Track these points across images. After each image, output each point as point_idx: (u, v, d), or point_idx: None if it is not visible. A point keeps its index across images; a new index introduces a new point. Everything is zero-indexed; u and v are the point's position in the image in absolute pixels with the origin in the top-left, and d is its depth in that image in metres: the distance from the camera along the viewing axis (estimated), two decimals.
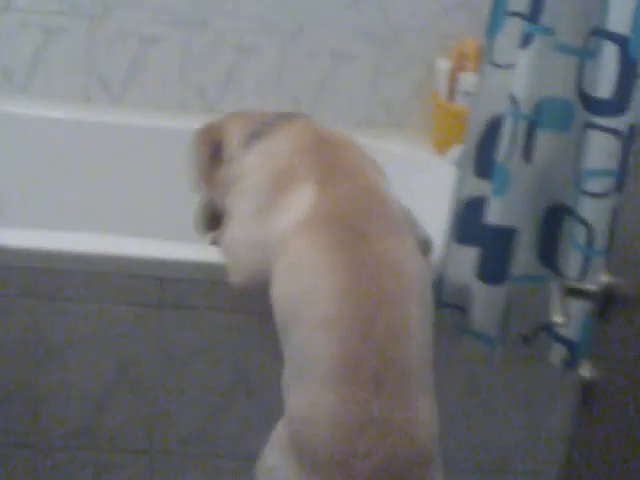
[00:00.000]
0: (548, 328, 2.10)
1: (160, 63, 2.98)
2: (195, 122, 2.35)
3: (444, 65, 2.88)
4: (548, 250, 2.11)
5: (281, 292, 1.82)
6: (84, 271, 2.14)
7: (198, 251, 2.17)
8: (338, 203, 1.85)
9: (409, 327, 1.71)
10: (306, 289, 1.77)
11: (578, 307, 1.99)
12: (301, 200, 1.86)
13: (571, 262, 2.04)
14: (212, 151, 2.21)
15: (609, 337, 1.24)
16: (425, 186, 2.73)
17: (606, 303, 1.22)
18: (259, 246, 1.94)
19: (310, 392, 1.67)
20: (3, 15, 2.89)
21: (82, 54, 2.95)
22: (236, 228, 2.03)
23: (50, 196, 2.88)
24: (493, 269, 2.05)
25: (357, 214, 1.84)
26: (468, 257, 2.09)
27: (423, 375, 1.70)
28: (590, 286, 1.26)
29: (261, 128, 2.10)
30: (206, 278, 2.15)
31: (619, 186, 1.95)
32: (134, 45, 2.95)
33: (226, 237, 2.07)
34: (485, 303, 2.06)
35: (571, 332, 2.03)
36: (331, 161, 1.95)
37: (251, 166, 2.04)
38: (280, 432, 1.74)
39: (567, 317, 1.65)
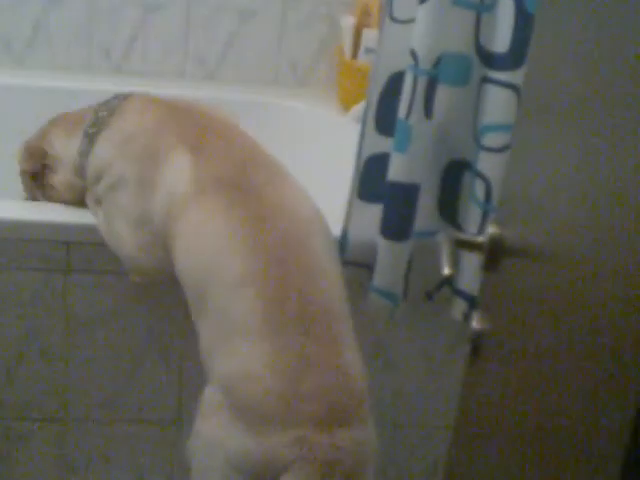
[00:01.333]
0: (449, 283, 2.13)
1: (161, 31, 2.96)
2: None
3: (348, 21, 2.88)
4: (449, 205, 2.13)
5: (187, 265, 1.82)
6: None
7: None
8: (216, 164, 1.85)
9: (321, 266, 1.75)
10: (212, 255, 1.77)
11: (476, 261, 2.01)
12: (178, 171, 1.86)
13: (471, 217, 2.07)
14: (34, 169, 2.19)
15: (497, 288, 1.26)
16: (330, 144, 2.73)
17: (494, 254, 1.24)
18: (148, 234, 1.94)
19: (241, 350, 1.67)
20: None
21: (83, 22, 2.91)
22: (121, 225, 2.00)
23: None
24: (396, 226, 2.06)
25: (238, 170, 1.84)
26: (372, 214, 2.10)
27: (343, 312, 1.73)
28: (478, 238, 1.29)
29: (96, 118, 2.07)
30: None
31: None
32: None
33: (112, 236, 2.04)
34: (389, 260, 2.07)
35: (471, 286, 2.06)
36: (191, 125, 1.94)
37: (109, 158, 2.02)
38: (211, 400, 1.72)
39: (457, 269, 1.67)
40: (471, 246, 1.29)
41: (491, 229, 1.25)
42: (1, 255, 2.12)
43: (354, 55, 2.89)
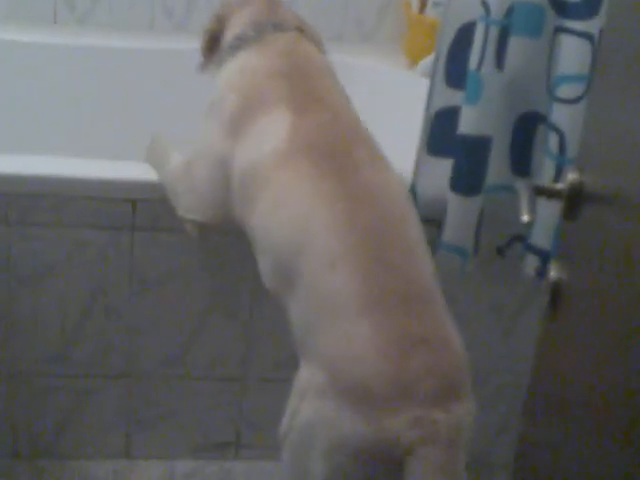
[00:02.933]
0: (521, 239, 2.09)
1: None
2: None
3: None
4: (521, 159, 2.09)
5: (270, 231, 1.76)
6: (55, 195, 2.10)
7: None
8: (316, 132, 1.79)
9: (416, 246, 1.69)
10: (301, 226, 1.70)
11: (550, 215, 1.97)
12: (276, 128, 1.80)
13: (544, 170, 2.03)
14: (214, 33, 2.12)
15: (577, 237, 1.22)
16: (398, 99, 2.69)
17: (574, 202, 1.20)
18: (224, 171, 1.88)
19: (343, 331, 1.61)
20: None
21: None
22: (201, 147, 1.97)
23: (22, 121, 2.83)
24: (467, 180, 2.02)
25: (337, 143, 1.78)
26: (441, 169, 2.06)
27: (438, 290, 1.68)
28: (558, 185, 1.24)
29: (248, 35, 2.00)
30: None
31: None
32: None
33: (187, 163, 2.01)
34: (459, 215, 2.03)
35: (544, 241, 2.02)
36: (305, 90, 1.87)
37: (225, 81, 1.98)
38: (311, 381, 1.64)
39: (534, 216, 1.63)
40: (550, 193, 1.25)
41: (571, 175, 1.21)
42: (68, 213, 2.12)
43: (421, 9, 2.84)
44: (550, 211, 1.97)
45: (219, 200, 1.91)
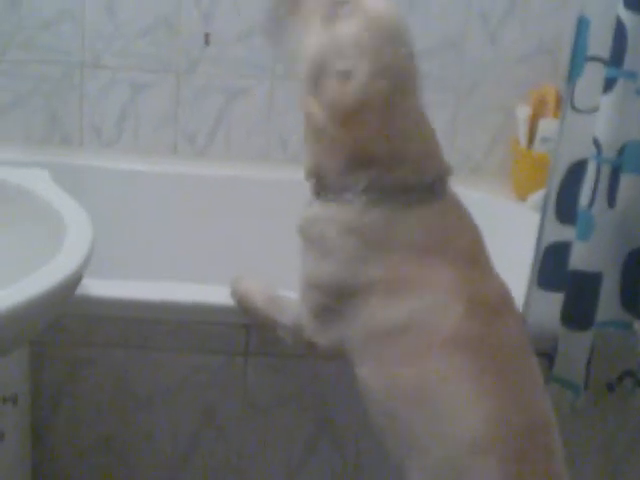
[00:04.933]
0: (632, 374, 2.08)
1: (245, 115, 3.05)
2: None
3: (523, 112, 2.88)
4: (632, 295, 2.09)
5: (400, 400, 1.68)
6: (171, 320, 2.17)
7: None
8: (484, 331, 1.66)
9: (554, 439, 1.66)
10: (439, 398, 1.63)
11: None
12: (443, 310, 1.66)
13: None
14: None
15: None
16: (507, 232, 2.72)
17: None
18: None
19: None
20: (92, 72, 2.97)
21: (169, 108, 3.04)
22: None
23: (136, 247, 2.94)
24: (578, 315, 2.03)
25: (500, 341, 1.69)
26: (552, 303, 2.07)
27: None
28: None
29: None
30: None
31: None
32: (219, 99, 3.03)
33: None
34: (570, 349, 2.04)
35: None
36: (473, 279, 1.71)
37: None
38: None
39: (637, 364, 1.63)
40: None
41: None
42: (182, 338, 2.18)
43: (529, 144, 2.89)
44: None
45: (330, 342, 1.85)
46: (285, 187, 2.97)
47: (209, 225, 2.97)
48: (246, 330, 2.17)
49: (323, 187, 1.81)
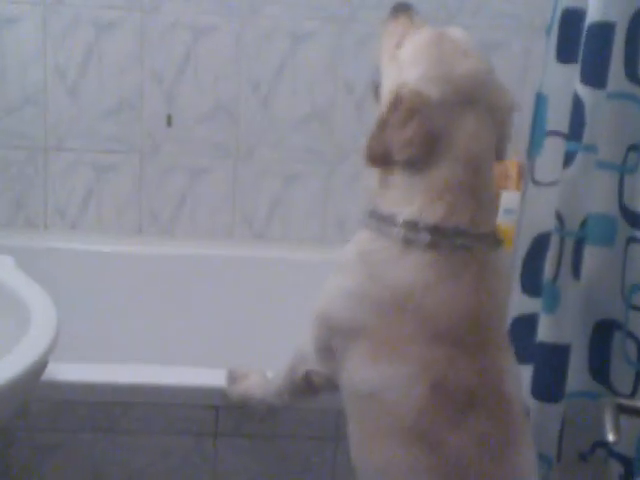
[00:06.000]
0: (603, 445, 2.09)
1: (208, 194, 3.06)
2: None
3: None
4: (600, 366, 2.10)
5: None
6: (139, 403, 2.15)
7: None
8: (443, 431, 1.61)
9: None
10: None
11: (633, 424, 1.97)
12: (408, 393, 1.61)
13: (623, 377, 2.04)
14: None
15: None
16: None
17: None
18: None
19: None
20: (56, 155, 2.98)
21: (132, 189, 3.04)
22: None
23: (104, 329, 2.92)
24: (548, 387, 2.04)
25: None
26: (522, 375, 2.08)
27: None
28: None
29: (452, 230, 1.62)
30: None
31: None
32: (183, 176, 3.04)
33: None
34: (541, 421, 2.04)
35: (627, 448, 2.01)
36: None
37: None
38: None
39: (620, 435, 1.63)
40: (633, 411, 1.27)
41: None
42: (151, 420, 2.16)
43: None
44: (634, 420, 1.97)
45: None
46: (250, 264, 2.99)
47: (175, 304, 2.96)
48: (215, 411, 2.16)
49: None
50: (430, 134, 1.60)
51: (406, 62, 1.68)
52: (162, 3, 2.90)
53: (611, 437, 1.33)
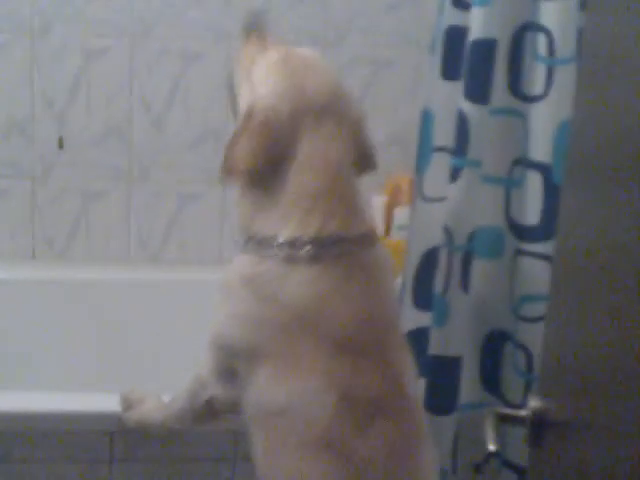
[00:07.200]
0: (497, 454, 2.11)
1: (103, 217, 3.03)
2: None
3: (379, 200, 2.94)
4: (491, 376, 2.13)
5: None
6: (32, 430, 2.11)
7: None
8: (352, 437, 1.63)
9: None
10: None
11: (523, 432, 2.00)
12: (316, 402, 1.63)
13: (514, 387, 2.07)
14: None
15: (544, 462, 1.25)
16: None
17: (538, 428, 1.23)
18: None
19: None
20: None
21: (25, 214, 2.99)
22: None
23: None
24: (441, 400, 2.06)
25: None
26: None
27: None
28: (521, 412, 1.28)
29: (330, 239, 1.63)
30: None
31: None
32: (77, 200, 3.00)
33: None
34: (436, 434, 2.04)
35: (519, 457, 2.04)
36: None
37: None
38: None
39: (504, 441, 1.65)
40: (514, 420, 1.29)
41: (533, 402, 1.25)
42: (45, 448, 2.13)
43: (387, 233, 2.94)
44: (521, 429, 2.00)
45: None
46: (145, 287, 2.96)
47: (69, 329, 2.92)
48: (110, 437, 2.13)
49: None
50: (276, 146, 1.63)
51: (258, 80, 1.70)
52: (51, 26, 2.87)
53: (492, 447, 1.34)
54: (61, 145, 2.93)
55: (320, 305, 1.62)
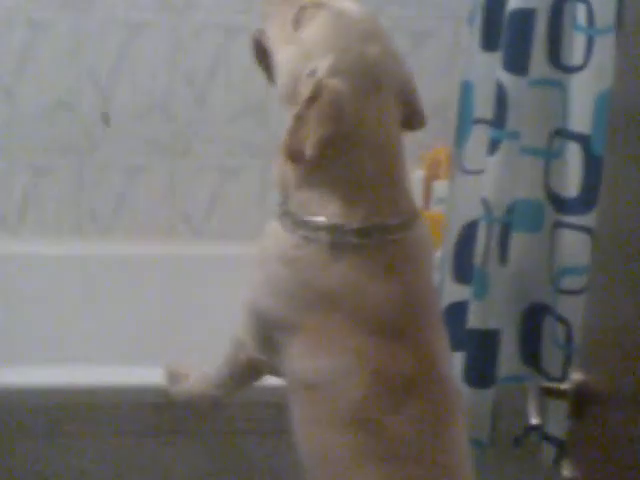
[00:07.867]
0: (537, 428, 2.12)
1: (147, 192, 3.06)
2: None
3: (418, 174, 2.94)
4: (530, 349, 2.13)
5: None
6: (81, 404, 2.15)
7: None
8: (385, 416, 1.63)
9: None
10: None
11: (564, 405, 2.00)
12: (349, 380, 1.62)
13: (553, 360, 2.07)
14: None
15: (586, 436, 1.25)
16: None
17: (579, 401, 1.24)
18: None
19: None
20: None
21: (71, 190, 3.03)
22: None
23: (48, 332, 2.91)
24: (479, 373, 2.07)
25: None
26: (454, 362, 2.10)
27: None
28: (563, 385, 1.29)
29: (375, 227, 1.60)
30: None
31: None
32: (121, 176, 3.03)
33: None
34: (474, 407, 2.06)
35: (560, 431, 2.04)
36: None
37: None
38: None
39: (545, 414, 1.65)
40: (556, 394, 1.29)
41: (575, 375, 1.26)
42: (92, 421, 2.17)
43: (426, 206, 2.94)
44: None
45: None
46: (189, 262, 2.99)
47: (115, 304, 2.95)
48: (156, 410, 2.16)
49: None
50: (342, 128, 1.57)
51: (313, 48, 1.62)
52: (94, 1, 2.89)
53: (534, 420, 1.34)
54: (107, 122, 2.95)
55: (359, 290, 1.61)
